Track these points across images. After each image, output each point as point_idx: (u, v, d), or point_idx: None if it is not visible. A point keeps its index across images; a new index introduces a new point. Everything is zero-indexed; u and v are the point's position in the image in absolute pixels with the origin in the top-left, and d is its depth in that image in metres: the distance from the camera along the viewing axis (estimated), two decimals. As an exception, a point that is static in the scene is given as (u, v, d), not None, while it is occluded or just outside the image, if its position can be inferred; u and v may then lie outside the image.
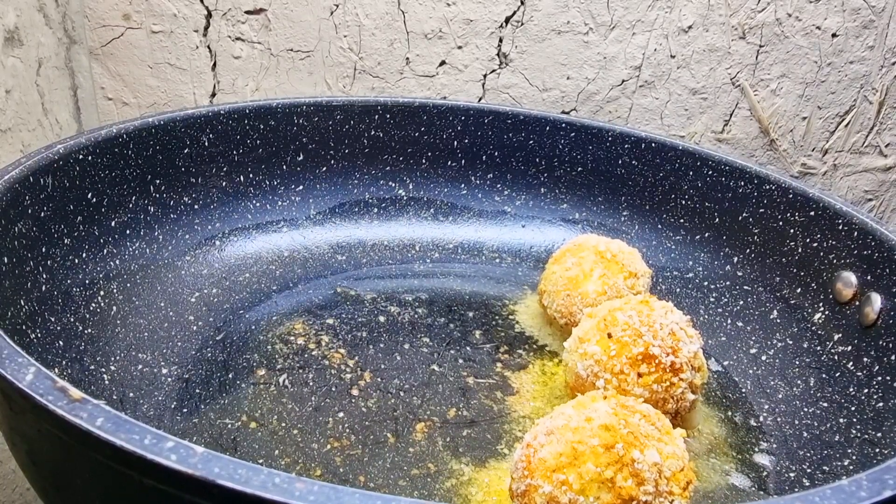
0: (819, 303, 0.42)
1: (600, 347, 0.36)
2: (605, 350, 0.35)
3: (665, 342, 0.35)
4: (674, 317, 0.37)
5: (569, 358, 0.38)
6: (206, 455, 0.18)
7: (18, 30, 0.53)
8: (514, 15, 0.62)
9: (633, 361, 0.35)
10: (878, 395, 0.35)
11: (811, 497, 0.20)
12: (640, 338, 0.35)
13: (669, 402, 0.35)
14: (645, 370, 0.35)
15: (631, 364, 0.35)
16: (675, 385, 0.35)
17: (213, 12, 0.62)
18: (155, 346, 0.41)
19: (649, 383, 0.34)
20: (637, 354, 0.35)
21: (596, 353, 0.36)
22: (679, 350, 0.35)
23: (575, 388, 0.37)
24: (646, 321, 0.36)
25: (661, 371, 0.35)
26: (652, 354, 0.35)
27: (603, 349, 0.36)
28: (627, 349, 0.35)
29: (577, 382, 0.37)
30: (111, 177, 0.42)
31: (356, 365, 0.42)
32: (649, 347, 0.35)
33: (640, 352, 0.35)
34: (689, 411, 0.37)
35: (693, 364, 0.36)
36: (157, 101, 0.66)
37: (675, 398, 0.35)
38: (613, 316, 0.37)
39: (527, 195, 0.59)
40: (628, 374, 0.35)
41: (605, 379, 0.35)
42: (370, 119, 0.56)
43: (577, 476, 0.27)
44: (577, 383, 0.37)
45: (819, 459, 0.35)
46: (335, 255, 0.54)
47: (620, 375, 0.35)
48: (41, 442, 0.23)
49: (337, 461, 0.34)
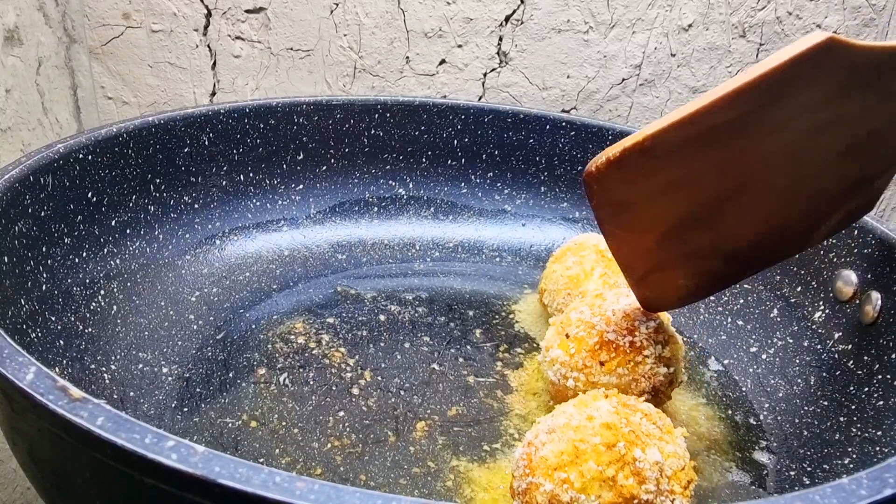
0: (819, 301, 0.42)
1: (562, 350, 0.36)
2: (565, 351, 0.36)
3: (620, 325, 0.35)
4: (627, 300, 0.37)
5: (541, 368, 0.38)
6: (207, 454, 0.18)
7: (18, 29, 0.53)
8: (514, 13, 0.62)
9: (593, 352, 0.35)
10: (879, 394, 0.35)
11: (811, 495, 0.20)
12: (593, 329, 0.36)
13: (641, 382, 0.35)
14: (606, 357, 0.35)
15: (591, 356, 0.35)
16: (641, 363, 0.35)
17: (212, 11, 0.62)
18: (155, 345, 0.41)
19: (613, 369, 0.35)
20: (594, 345, 0.35)
21: (559, 356, 0.36)
22: (636, 329, 0.35)
23: (554, 396, 0.37)
24: (598, 312, 0.36)
25: (622, 354, 0.35)
26: (608, 341, 0.35)
27: (564, 351, 0.36)
28: (584, 343, 0.35)
29: (554, 390, 0.37)
30: (111, 176, 0.42)
31: (356, 364, 0.42)
32: (604, 335, 0.35)
33: (596, 341, 0.35)
34: (672, 386, 0.36)
35: (656, 339, 0.36)
36: (157, 101, 0.66)
37: (645, 376, 0.35)
38: (568, 317, 0.37)
39: (527, 194, 0.59)
40: (591, 367, 0.35)
41: (574, 378, 0.35)
42: (370, 118, 0.56)
43: (579, 474, 0.27)
44: (555, 390, 0.37)
45: (819, 458, 0.35)
46: (335, 253, 0.54)
47: (585, 370, 0.35)
48: (42, 441, 0.23)
49: (337, 460, 0.34)
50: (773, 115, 0.28)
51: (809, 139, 0.30)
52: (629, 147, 0.29)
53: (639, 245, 0.33)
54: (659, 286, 0.35)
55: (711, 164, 0.30)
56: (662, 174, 0.30)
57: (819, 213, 0.33)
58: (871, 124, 0.30)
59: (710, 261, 0.34)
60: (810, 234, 0.34)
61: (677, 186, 0.30)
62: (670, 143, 0.28)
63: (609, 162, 0.29)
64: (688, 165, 0.29)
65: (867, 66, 0.28)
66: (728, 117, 0.28)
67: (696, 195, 0.31)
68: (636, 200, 0.31)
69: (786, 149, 0.30)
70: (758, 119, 0.28)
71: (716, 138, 0.28)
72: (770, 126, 0.28)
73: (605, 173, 0.30)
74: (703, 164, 0.29)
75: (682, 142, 0.28)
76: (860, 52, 0.28)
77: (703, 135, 0.28)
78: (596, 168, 0.30)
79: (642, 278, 0.35)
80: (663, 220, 0.32)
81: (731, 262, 0.34)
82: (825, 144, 0.30)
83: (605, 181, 0.30)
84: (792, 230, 0.33)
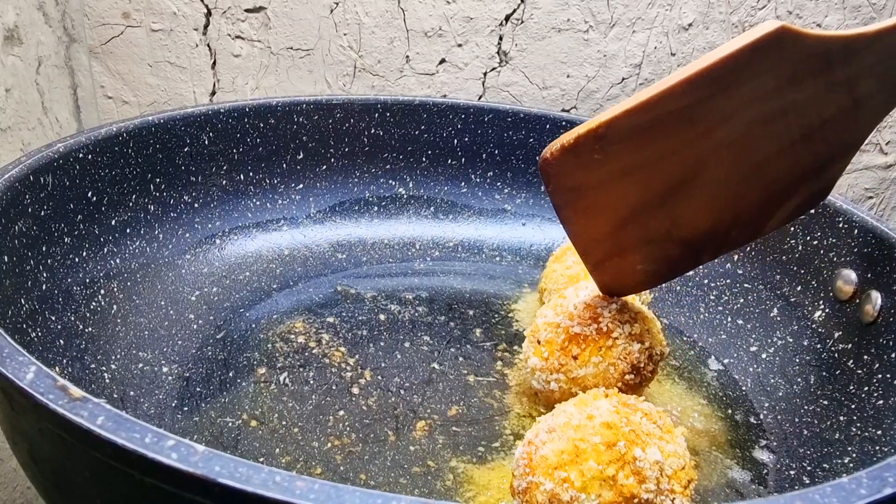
0: (819, 301, 0.42)
1: (537, 357, 0.36)
2: (540, 357, 0.36)
3: (583, 316, 0.36)
4: (586, 291, 0.37)
5: (527, 380, 0.38)
6: (207, 454, 0.18)
7: (18, 28, 0.53)
8: (514, 13, 0.62)
9: (564, 350, 0.35)
10: (879, 393, 0.35)
11: (811, 495, 0.20)
12: (558, 328, 0.36)
13: (619, 364, 0.35)
14: (577, 351, 0.35)
15: (563, 353, 0.35)
16: (613, 346, 0.35)
17: (212, 10, 0.62)
18: (155, 344, 0.41)
19: (588, 359, 0.35)
20: (563, 343, 0.35)
21: (536, 363, 0.36)
22: (600, 315, 0.35)
23: (545, 402, 0.37)
24: (561, 311, 0.37)
25: (592, 343, 0.35)
26: (575, 334, 0.35)
27: (539, 357, 0.36)
28: (554, 344, 0.36)
29: (542, 397, 0.37)
30: (111, 175, 0.42)
31: (356, 363, 0.42)
32: (570, 330, 0.35)
33: (564, 338, 0.35)
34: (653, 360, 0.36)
35: (622, 319, 0.36)
36: (157, 100, 0.66)
37: (620, 358, 0.35)
38: (535, 323, 0.37)
39: (527, 193, 0.59)
40: (567, 364, 0.35)
41: (555, 380, 0.35)
42: (370, 117, 0.56)
43: (579, 473, 0.27)
44: (543, 397, 0.37)
45: (819, 457, 0.35)
46: (335, 253, 0.54)
47: (562, 369, 0.35)
48: (42, 441, 0.23)
49: (337, 459, 0.34)
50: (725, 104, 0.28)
51: (762, 127, 0.30)
52: (583, 134, 0.29)
53: (595, 231, 0.34)
54: (617, 271, 0.35)
55: (665, 151, 0.30)
56: (616, 160, 0.30)
57: (773, 201, 0.33)
58: (823, 112, 0.31)
59: (666, 246, 0.34)
60: (765, 220, 0.34)
61: (631, 173, 0.31)
62: (624, 130, 0.29)
63: (563, 148, 0.30)
64: (642, 152, 0.30)
65: (819, 56, 0.28)
66: (680, 105, 0.28)
67: (651, 182, 0.31)
68: (591, 186, 0.31)
69: (738, 136, 0.30)
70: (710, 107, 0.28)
71: (669, 126, 0.29)
72: (722, 114, 0.29)
73: (560, 159, 0.30)
74: (657, 151, 0.30)
75: (635, 129, 0.29)
76: (812, 42, 0.28)
77: (657, 122, 0.29)
78: (551, 154, 0.30)
79: (600, 263, 0.35)
80: (618, 206, 0.32)
81: (687, 247, 0.34)
82: (778, 132, 0.31)
83: (560, 167, 0.30)
84: (747, 217, 0.34)
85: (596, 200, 0.32)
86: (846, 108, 0.31)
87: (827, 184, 0.34)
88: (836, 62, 0.29)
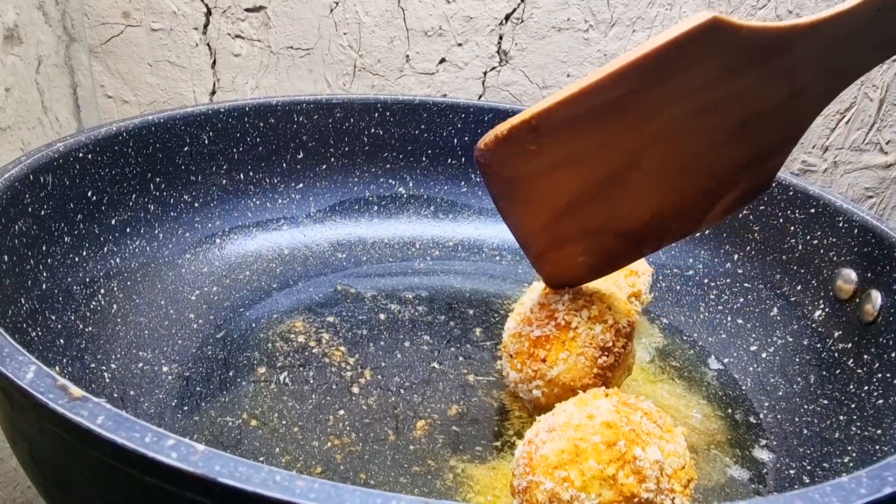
0: (819, 300, 0.42)
1: (513, 370, 0.36)
2: (515, 369, 0.36)
3: (539, 317, 0.35)
4: (536, 293, 0.37)
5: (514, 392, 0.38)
6: (207, 453, 0.18)
7: (18, 28, 0.53)
8: (514, 12, 0.62)
9: (532, 356, 0.35)
10: (879, 393, 0.35)
11: (811, 494, 0.20)
12: (521, 336, 0.36)
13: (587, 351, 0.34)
14: (544, 353, 0.35)
15: (532, 360, 0.35)
16: (575, 337, 0.34)
17: (212, 10, 0.62)
18: (155, 344, 0.41)
19: (556, 358, 0.34)
20: (529, 349, 0.35)
21: (514, 376, 0.36)
22: (555, 311, 0.35)
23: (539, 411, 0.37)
24: (520, 319, 0.36)
25: (554, 340, 0.35)
26: (536, 338, 0.35)
27: (514, 369, 0.36)
28: (522, 353, 0.36)
29: (532, 407, 0.37)
30: (111, 175, 0.42)
31: (356, 363, 0.42)
32: (530, 335, 0.35)
33: (528, 345, 0.35)
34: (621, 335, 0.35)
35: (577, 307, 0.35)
36: (157, 99, 0.66)
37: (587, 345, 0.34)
38: (503, 341, 0.37)
39: (527, 193, 0.59)
40: (539, 369, 0.35)
41: (535, 387, 0.35)
42: (370, 117, 0.56)
43: (579, 473, 0.27)
44: (533, 407, 0.37)
45: (819, 456, 0.35)
46: (335, 252, 0.54)
47: (538, 375, 0.35)
48: (42, 440, 0.23)
49: (337, 459, 0.34)
50: (659, 94, 0.28)
51: (699, 118, 0.30)
52: (517, 125, 0.29)
53: (533, 222, 0.33)
54: (558, 262, 0.35)
55: (600, 142, 0.30)
56: (551, 151, 0.30)
57: (713, 193, 0.33)
58: (761, 104, 0.30)
59: (606, 238, 0.34)
60: (705, 213, 0.34)
61: (567, 163, 0.30)
62: (557, 120, 0.29)
63: (497, 139, 0.29)
64: (577, 143, 0.30)
65: (754, 47, 0.28)
66: (614, 96, 0.28)
67: (587, 172, 0.31)
68: (527, 177, 0.31)
69: (675, 127, 0.30)
70: (644, 98, 0.28)
71: (603, 117, 0.29)
72: (657, 105, 0.29)
73: (494, 150, 0.30)
74: (592, 142, 0.30)
75: (569, 119, 0.29)
76: (746, 33, 0.28)
77: (590, 113, 0.28)
78: (485, 145, 0.30)
79: (541, 255, 0.35)
80: (556, 197, 0.32)
81: (627, 239, 0.34)
82: (715, 123, 0.30)
83: (494, 157, 0.30)
84: (686, 209, 0.34)
85: (532, 191, 0.32)
86: (784, 100, 0.30)
87: (768, 176, 0.34)
88: (773, 54, 0.29)
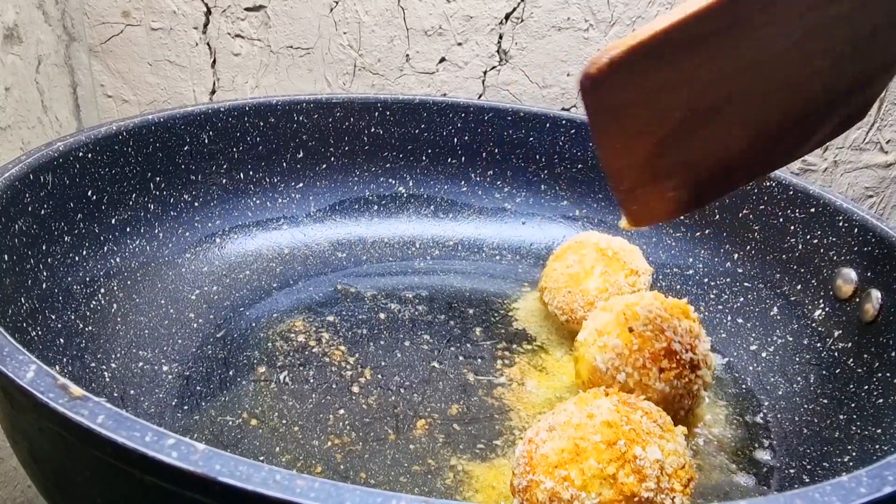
0: (819, 299, 0.42)
1: (621, 341, 0.35)
2: (626, 344, 0.35)
3: (684, 339, 0.35)
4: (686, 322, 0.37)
5: (585, 351, 0.37)
6: (207, 452, 0.18)
7: (18, 27, 0.53)
8: (514, 11, 0.62)
9: (655, 357, 0.35)
10: (879, 392, 0.35)
11: (811, 493, 0.20)
12: (662, 333, 0.35)
13: (686, 399, 0.35)
14: (666, 365, 0.34)
15: (653, 359, 0.35)
16: (693, 382, 0.35)
17: (212, 9, 0.62)
18: (155, 343, 0.41)
19: (670, 378, 0.34)
20: (659, 350, 0.35)
21: (617, 346, 0.35)
22: (696, 347, 0.35)
23: (590, 381, 0.37)
24: (665, 317, 0.36)
25: (682, 367, 0.35)
26: (673, 350, 0.35)
27: (624, 342, 0.35)
28: (650, 344, 0.35)
29: (594, 376, 0.36)
30: (111, 174, 0.42)
31: (356, 362, 0.42)
32: (671, 343, 0.35)
33: (663, 347, 0.35)
34: (699, 406, 0.37)
35: (706, 361, 0.36)
36: (157, 99, 0.66)
37: (690, 395, 0.35)
38: (633, 311, 0.36)
39: (527, 192, 0.59)
40: (650, 369, 0.34)
41: (627, 373, 0.35)
42: (370, 116, 0.56)
43: (580, 472, 0.27)
44: (595, 376, 0.36)
45: (819, 456, 0.36)
46: (335, 252, 0.54)
47: (642, 370, 0.35)
48: (42, 439, 0.23)
49: (337, 458, 0.34)
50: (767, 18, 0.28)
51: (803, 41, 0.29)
52: (633, 47, 0.27)
53: (632, 154, 0.32)
54: (647, 199, 0.34)
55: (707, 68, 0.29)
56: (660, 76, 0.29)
57: (812, 120, 0.33)
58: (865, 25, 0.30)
59: (701, 170, 0.33)
60: (804, 141, 0.34)
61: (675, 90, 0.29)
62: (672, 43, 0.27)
63: (612, 62, 0.27)
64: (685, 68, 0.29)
65: None
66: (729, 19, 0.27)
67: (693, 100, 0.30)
68: (633, 105, 0.30)
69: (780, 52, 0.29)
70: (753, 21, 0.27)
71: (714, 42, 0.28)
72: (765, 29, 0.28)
73: (607, 75, 0.28)
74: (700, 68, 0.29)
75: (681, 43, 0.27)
76: None
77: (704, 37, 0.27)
78: (598, 70, 0.28)
79: (630, 191, 0.34)
80: (658, 127, 0.31)
81: (721, 171, 0.34)
82: (818, 47, 0.30)
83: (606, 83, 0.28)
84: (786, 137, 0.33)
85: (636, 120, 0.30)
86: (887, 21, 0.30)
87: (864, 104, 0.33)
88: None
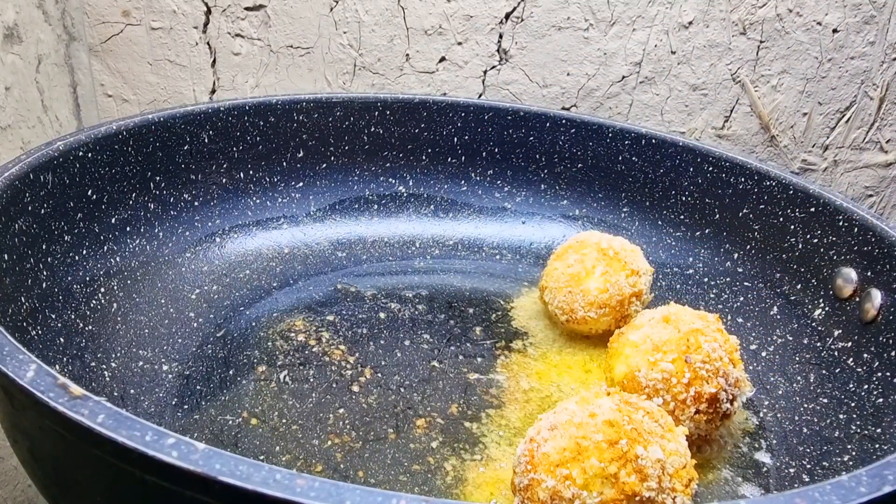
0: (819, 299, 0.42)
1: (675, 367, 0.34)
2: (678, 372, 0.34)
3: (730, 389, 0.35)
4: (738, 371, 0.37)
5: (632, 357, 0.36)
6: (207, 451, 0.18)
7: (18, 26, 0.53)
8: (514, 11, 0.62)
9: (699, 398, 0.34)
10: (878, 391, 0.35)
11: (811, 493, 0.20)
12: (715, 377, 0.34)
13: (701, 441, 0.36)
14: (704, 409, 0.34)
15: (695, 400, 0.34)
16: (718, 428, 0.36)
17: (212, 9, 0.62)
18: (155, 342, 0.41)
19: (701, 421, 0.35)
20: (706, 394, 0.34)
21: (668, 370, 0.34)
22: (736, 399, 0.35)
23: (621, 384, 0.36)
24: (724, 361, 0.35)
25: (716, 415, 0.35)
26: (718, 399, 0.34)
27: (677, 370, 0.34)
28: (700, 383, 0.34)
29: (629, 383, 0.36)
30: (111, 174, 0.42)
31: (357, 361, 0.42)
32: (719, 391, 0.34)
33: (711, 393, 0.34)
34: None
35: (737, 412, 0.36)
36: (157, 98, 0.66)
37: (714, 442, 0.37)
38: (697, 340, 0.35)
39: (527, 192, 0.59)
40: (689, 406, 0.34)
41: (665, 400, 0.34)
42: (370, 115, 0.56)
43: (581, 471, 0.27)
44: (630, 385, 0.36)
45: (819, 455, 0.36)
46: (335, 251, 0.54)
47: (681, 404, 0.34)
48: (42, 439, 0.23)
49: (337, 457, 0.34)
50: None
51: None
52: None
53: None
54: None
55: None
56: None
57: None
58: None
59: None
60: None
61: None
62: None
63: None
64: None
65: None
66: None
67: None
68: None
69: None
70: None
71: None
72: None
73: None
74: None
75: None
76: None
77: None
78: None
79: None
80: None
81: None
82: None
83: None
84: None
85: None
86: None
87: None
88: None
